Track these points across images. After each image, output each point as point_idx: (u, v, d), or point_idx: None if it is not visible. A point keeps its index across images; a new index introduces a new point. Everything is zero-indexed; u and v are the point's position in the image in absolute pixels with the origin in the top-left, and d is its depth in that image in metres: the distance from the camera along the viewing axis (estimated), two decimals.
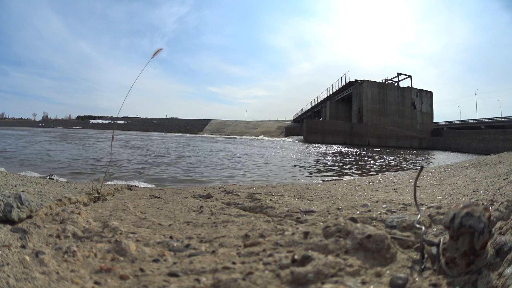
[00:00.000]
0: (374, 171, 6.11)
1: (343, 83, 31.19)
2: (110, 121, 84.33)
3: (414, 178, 1.04)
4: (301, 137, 30.13)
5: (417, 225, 0.88)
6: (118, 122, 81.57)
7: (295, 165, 6.96)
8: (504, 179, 1.73)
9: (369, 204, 1.33)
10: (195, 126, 71.68)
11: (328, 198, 1.87)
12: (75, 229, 0.98)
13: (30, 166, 5.04)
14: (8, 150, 7.96)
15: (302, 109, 53.25)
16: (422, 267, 0.70)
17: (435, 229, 0.88)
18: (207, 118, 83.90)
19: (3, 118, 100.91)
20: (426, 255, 0.73)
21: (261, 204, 1.47)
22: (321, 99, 38.76)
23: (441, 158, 13.14)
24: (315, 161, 8.27)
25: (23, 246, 0.81)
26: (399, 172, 5.43)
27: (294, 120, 61.25)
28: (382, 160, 9.45)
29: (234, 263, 0.74)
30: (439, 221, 0.92)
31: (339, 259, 0.71)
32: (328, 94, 35.60)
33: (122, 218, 1.25)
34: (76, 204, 1.41)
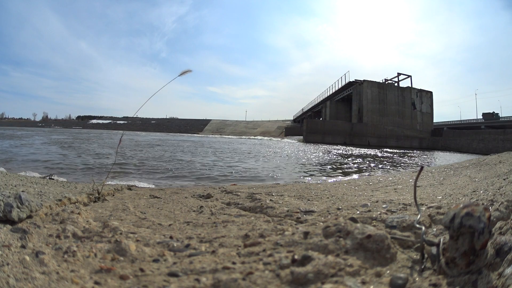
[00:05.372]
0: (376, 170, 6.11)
1: (343, 83, 31.20)
2: (110, 121, 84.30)
3: (414, 178, 1.04)
4: (301, 137, 30.13)
5: (417, 225, 0.88)
6: (118, 122, 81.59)
7: (295, 165, 6.96)
8: (504, 179, 1.73)
9: (369, 204, 1.33)
10: (195, 126, 71.66)
11: (328, 198, 1.87)
12: (75, 229, 0.98)
13: (30, 166, 5.03)
14: (8, 151, 7.96)
15: (302, 109, 53.27)
16: (422, 267, 0.70)
17: (435, 229, 0.88)
18: (207, 118, 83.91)
19: (3, 118, 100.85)
20: (426, 255, 0.73)
21: (261, 204, 1.47)
22: (321, 99, 38.76)
23: (441, 158, 13.14)
24: (315, 161, 8.27)
25: (23, 246, 0.81)
26: (399, 172, 5.43)
27: (294, 120, 61.25)
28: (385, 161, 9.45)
29: (234, 263, 0.74)
30: (439, 221, 0.92)
31: (339, 259, 0.71)
32: (328, 94, 35.60)
33: (122, 218, 1.25)
34: (76, 204, 1.41)
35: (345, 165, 7.31)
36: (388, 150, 18.29)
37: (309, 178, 4.85)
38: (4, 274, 0.65)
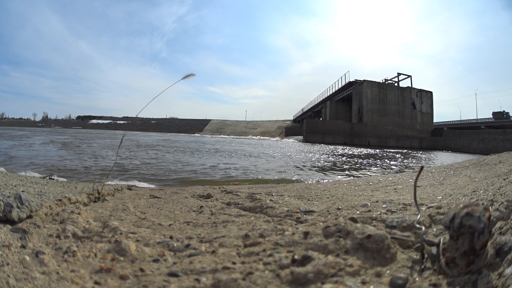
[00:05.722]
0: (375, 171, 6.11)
1: (343, 83, 31.22)
2: (110, 121, 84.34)
3: (414, 178, 1.04)
4: (301, 137, 30.15)
5: (417, 225, 0.88)
6: (118, 122, 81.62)
7: (295, 165, 6.96)
8: (504, 179, 1.73)
9: (369, 204, 1.33)
10: (195, 126, 71.61)
11: (328, 198, 1.87)
12: (75, 229, 0.98)
13: (30, 166, 5.03)
14: (8, 151, 7.96)
15: (302, 109, 53.32)
16: (422, 267, 0.70)
17: (435, 229, 0.88)
18: (207, 118, 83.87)
19: (3, 118, 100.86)
20: (426, 255, 0.73)
21: (261, 204, 1.47)
22: (321, 99, 38.78)
23: (441, 158, 13.14)
24: (315, 161, 8.27)
25: (23, 246, 0.81)
26: (399, 172, 5.43)
27: (294, 120, 61.31)
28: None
29: (234, 263, 0.74)
30: (439, 221, 0.92)
31: (339, 259, 0.71)
32: (328, 94, 35.62)
33: (122, 218, 1.25)
34: (76, 204, 1.41)
35: (345, 165, 7.31)
36: (388, 150, 18.29)
37: (309, 178, 4.85)
38: (4, 274, 0.65)
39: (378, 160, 9.40)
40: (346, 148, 17.19)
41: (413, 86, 30.93)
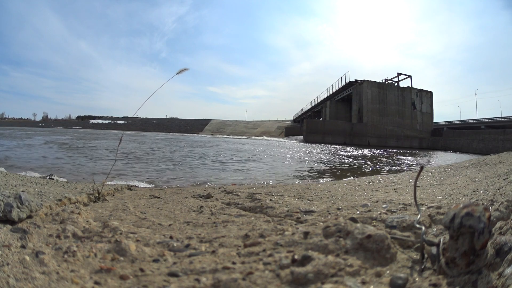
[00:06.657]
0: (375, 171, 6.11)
1: (343, 83, 31.22)
2: (110, 121, 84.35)
3: (414, 178, 1.04)
4: (301, 137, 30.16)
5: (417, 225, 0.88)
6: (118, 122, 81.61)
7: (295, 165, 6.96)
8: (504, 179, 1.73)
9: (369, 204, 1.33)
10: (195, 126, 71.61)
11: (328, 198, 1.87)
12: (75, 229, 0.98)
13: (30, 166, 5.03)
14: (8, 151, 7.96)
15: (302, 109, 53.33)
16: (422, 267, 0.70)
17: (435, 229, 0.88)
18: (207, 118, 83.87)
19: (3, 118, 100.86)
20: (426, 255, 0.73)
21: (261, 204, 1.47)
22: (321, 99, 38.79)
23: (441, 158, 13.14)
24: (315, 161, 8.27)
25: (23, 246, 0.81)
26: (399, 172, 5.43)
27: (294, 120, 61.33)
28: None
29: (234, 263, 0.74)
30: (439, 221, 0.92)
31: (339, 259, 0.71)
32: (328, 94, 35.63)
33: (122, 218, 1.25)
34: (76, 204, 1.41)
35: (345, 165, 7.31)
36: (388, 150, 18.29)
37: (309, 178, 4.85)
38: (4, 274, 0.65)
39: (378, 160, 9.41)
40: (346, 148, 17.20)
41: (413, 86, 30.93)
